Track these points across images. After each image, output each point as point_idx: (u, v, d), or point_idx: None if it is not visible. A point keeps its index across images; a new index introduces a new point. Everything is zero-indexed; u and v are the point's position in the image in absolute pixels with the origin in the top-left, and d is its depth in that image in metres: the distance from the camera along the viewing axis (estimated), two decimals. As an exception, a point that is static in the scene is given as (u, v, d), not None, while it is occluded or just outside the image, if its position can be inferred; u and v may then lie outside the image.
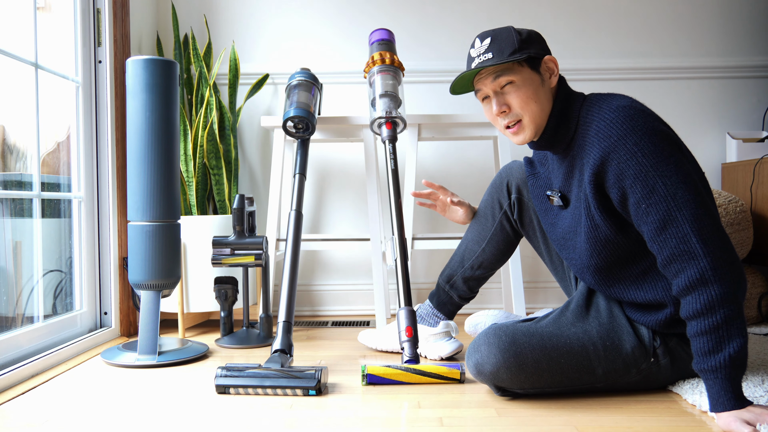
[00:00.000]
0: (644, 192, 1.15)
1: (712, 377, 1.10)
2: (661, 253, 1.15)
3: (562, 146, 1.31)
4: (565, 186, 1.34)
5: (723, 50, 2.43)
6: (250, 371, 1.35)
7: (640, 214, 1.17)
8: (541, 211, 1.45)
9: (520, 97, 1.26)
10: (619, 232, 1.25)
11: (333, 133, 2.14)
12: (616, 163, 1.17)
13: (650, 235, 1.16)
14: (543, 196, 1.44)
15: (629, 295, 1.31)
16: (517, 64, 1.26)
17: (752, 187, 2.14)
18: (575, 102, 1.29)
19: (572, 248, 1.36)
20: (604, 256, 1.28)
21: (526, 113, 1.28)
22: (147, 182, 1.63)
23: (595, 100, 1.26)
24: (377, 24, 2.42)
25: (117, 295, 1.94)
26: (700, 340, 1.11)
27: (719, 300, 1.09)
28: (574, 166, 1.29)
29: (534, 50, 1.27)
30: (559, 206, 1.37)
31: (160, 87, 1.65)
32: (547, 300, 2.44)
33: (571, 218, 1.34)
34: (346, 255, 2.45)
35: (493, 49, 1.26)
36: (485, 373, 1.26)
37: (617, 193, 1.19)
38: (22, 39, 1.63)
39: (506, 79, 1.26)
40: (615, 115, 1.19)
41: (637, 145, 1.15)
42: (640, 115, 1.18)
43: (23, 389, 1.39)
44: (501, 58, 1.24)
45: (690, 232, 1.12)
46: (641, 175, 1.15)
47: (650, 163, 1.15)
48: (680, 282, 1.13)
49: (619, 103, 1.21)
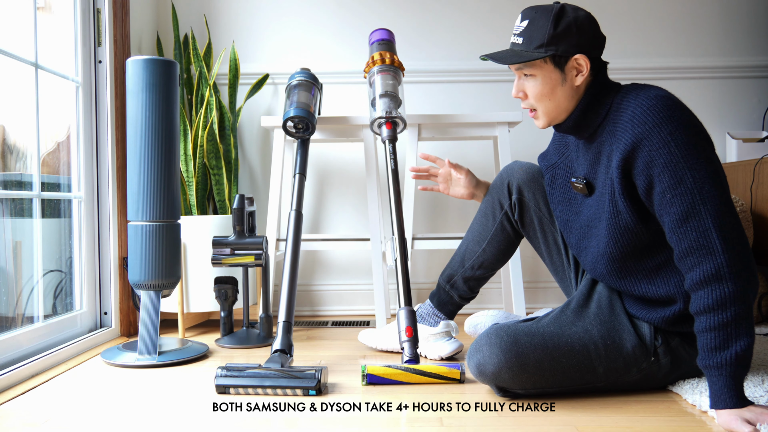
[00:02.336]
0: (672, 182, 1.15)
1: (716, 374, 1.10)
2: (680, 245, 1.15)
3: (588, 132, 1.30)
4: (590, 173, 1.33)
5: (723, 50, 2.43)
6: (250, 371, 1.35)
7: (665, 203, 1.16)
8: (563, 202, 1.43)
9: (536, 91, 1.28)
10: (639, 222, 1.25)
11: (333, 133, 2.14)
12: (647, 149, 1.17)
13: (671, 226, 1.16)
14: (566, 185, 1.42)
15: (640, 288, 1.30)
16: (540, 60, 1.25)
17: (752, 187, 2.14)
18: (611, 90, 1.28)
19: (594, 236, 1.35)
20: (621, 244, 1.28)
21: (540, 107, 1.29)
22: (147, 182, 1.63)
23: (633, 88, 1.25)
24: (377, 24, 2.42)
25: (117, 295, 1.94)
26: (707, 335, 1.11)
27: (731, 298, 1.09)
28: (602, 152, 1.28)
29: (564, 47, 1.23)
30: (584, 194, 1.36)
31: (160, 87, 1.64)
32: (547, 300, 2.44)
33: (597, 205, 1.33)
34: (346, 255, 2.44)
35: (525, 35, 1.26)
36: (487, 374, 1.26)
37: (644, 181, 1.19)
38: (22, 39, 1.63)
39: (526, 72, 1.27)
40: (654, 102, 1.19)
41: (672, 135, 1.15)
42: (677, 107, 1.18)
43: (23, 389, 1.39)
44: (529, 48, 1.24)
45: (711, 227, 1.12)
46: (671, 164, 1.15)
47: (682, 154, 1.15)
48: (694, 276, 1.13)
49: (657, 92, 1.21)
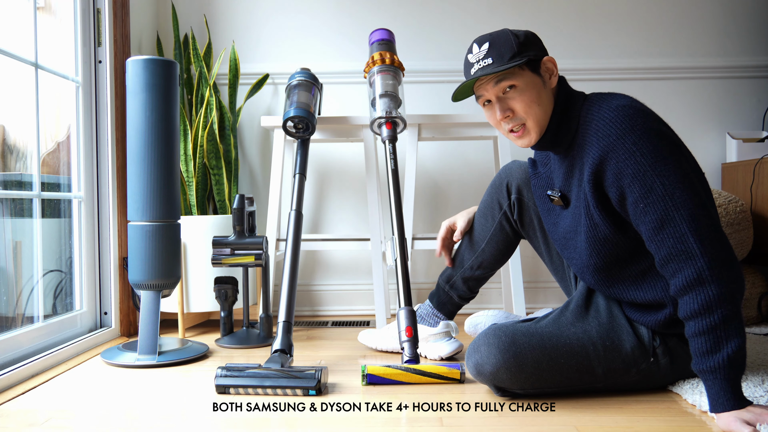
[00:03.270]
0: (642, 191, 1.15)
1: (711, 378, 1.10)
2: (659, 253, 1.15)
3: (564, 146, 1.31)
4: (565, 186, 1.34)
5: (723, 50, 2.43)
6: (250, 371, 1.35)
7: (638, 213, 1.17)
8: (543, 211, 1.45)
9: (523, 101, 1.26)
10: (617, 232, 1.25)
11: (333, 133, 2.14)
12: (614, 162, 1.17)
13: (648, 235, 1.16)
14: (544, 196, 1.44)
15: (629, 295, 1.31)
16: (518, 68, 1.25)
17: (752, 187, 2.14)
18: (576, 102, 1.29)
19: (573, 248, 1.36)
20: (603, 255, 1.28)
21: (530, 117, 1.27)
22: (147, 182, 1.63)
23: (596, 100, 1.26)
24: (377, 24, 2.42)
25: (117, 295, 1.94)
26: (698, 340, 1.11)
27: (716, 300, 1.09)
28: (574, 165, 1.29)
29: (533, 52, 1.26)
30: (560, 206, 1.37)
31: (160, 87, 1.64)
32: (547, 300, 2.44)
33: (572, 218, 1.34)
34: (346, 255, 2.45)
35: (492, 54, 1.25)
36: (485, 374, 1.26)
37: (616, 193, 1.19)
38: (22, 39, 1.63)
39: (508, 84, 1.25)
40: (614, 114, 1.19)
41: (636, 145, 1.15)
42: (639, 115, 1.18)
43: (24, 389, 1.39)
44: (502, 62, 1.24)
45: (687, 231, 1.12)
46: (639, 174, 1.15)
47: (648, 163, 1.15)
48: (677, 282, 1.13)
49: (618, 102, 1.21)
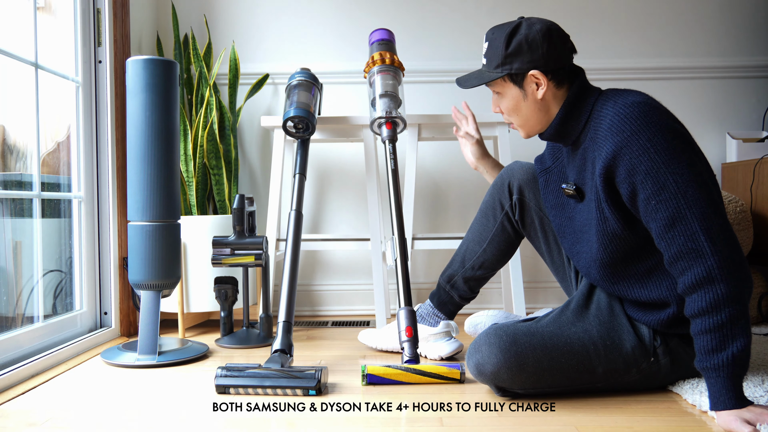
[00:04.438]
0: (655, 188, 1.15)
1: (714, 375, 1.10)
2: (669, 251, 1.15)
3: (571, 138, 1.32)
4: (579, 179, 1.34)
5: (723, 50, 2.43)
6: (250, 371, 1.35)
7: (650, 210, 1.16)
8: (557, 207, 1.44)
9: (506, 107, 1.35)
10: (626, 228, 1.25)
11: (333, 133, 2.14)
12: (628, 158, 1.17)
13: (658, 232, 1.16)
14: (558, 190, 1.43)
15: (633, 293, 1.31)
16: (501, 79, 1.31)
17: (752, 187, 2.14)
18: (589, 96, 1.29)
19: (586, 241, 1.35)
20: (610, 250, 1.28)
21: (514, 120, 1.36)
22: (147, 182, 1.63)
23: (611, 95, 1.26)
24: (377, 24, 2.42)
25: (117, 295, 1.94)
26: (703, 338, 1.11)
27: (725, 299, 1.09)
28: (587, 159, 1.29)
29: (517, 64, 1.27)
30: (575, 200, 1.37)
31: (160, 87, 1.64)
32: (547, 300, 2.44)
33: (587, 211, 1.33)
34: (346, 255, 2.45)
35: (487, 56, 1.33)
36: (486, 374, 1.26)
37: (627, 189, 1.19)
38: (22, 39, 1.63)
39: (493, 89, 1.35)
40: (630, 110, 1.19)
41: (650, 141, 1.15)
42: (654, 112, 1.18)
43: (24, 389, 1.39)
44: (489, 68, 1.32)
45: (699, 230, 1.12)
46: (653, 171, 1.15)
47: (662, 160, 1.15)
48: (686, 280, 1.13)
49: (634, 98, 1.21)
